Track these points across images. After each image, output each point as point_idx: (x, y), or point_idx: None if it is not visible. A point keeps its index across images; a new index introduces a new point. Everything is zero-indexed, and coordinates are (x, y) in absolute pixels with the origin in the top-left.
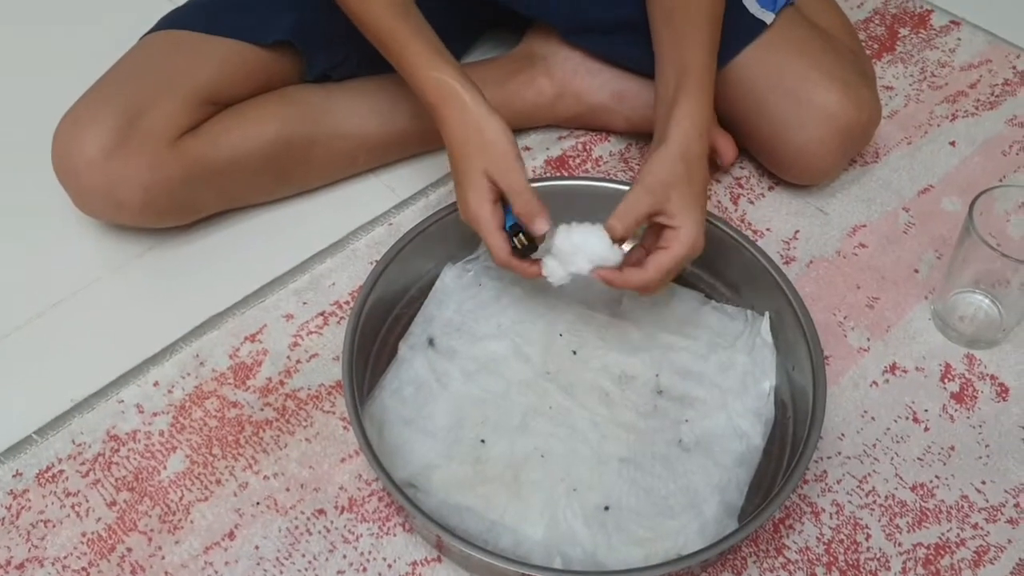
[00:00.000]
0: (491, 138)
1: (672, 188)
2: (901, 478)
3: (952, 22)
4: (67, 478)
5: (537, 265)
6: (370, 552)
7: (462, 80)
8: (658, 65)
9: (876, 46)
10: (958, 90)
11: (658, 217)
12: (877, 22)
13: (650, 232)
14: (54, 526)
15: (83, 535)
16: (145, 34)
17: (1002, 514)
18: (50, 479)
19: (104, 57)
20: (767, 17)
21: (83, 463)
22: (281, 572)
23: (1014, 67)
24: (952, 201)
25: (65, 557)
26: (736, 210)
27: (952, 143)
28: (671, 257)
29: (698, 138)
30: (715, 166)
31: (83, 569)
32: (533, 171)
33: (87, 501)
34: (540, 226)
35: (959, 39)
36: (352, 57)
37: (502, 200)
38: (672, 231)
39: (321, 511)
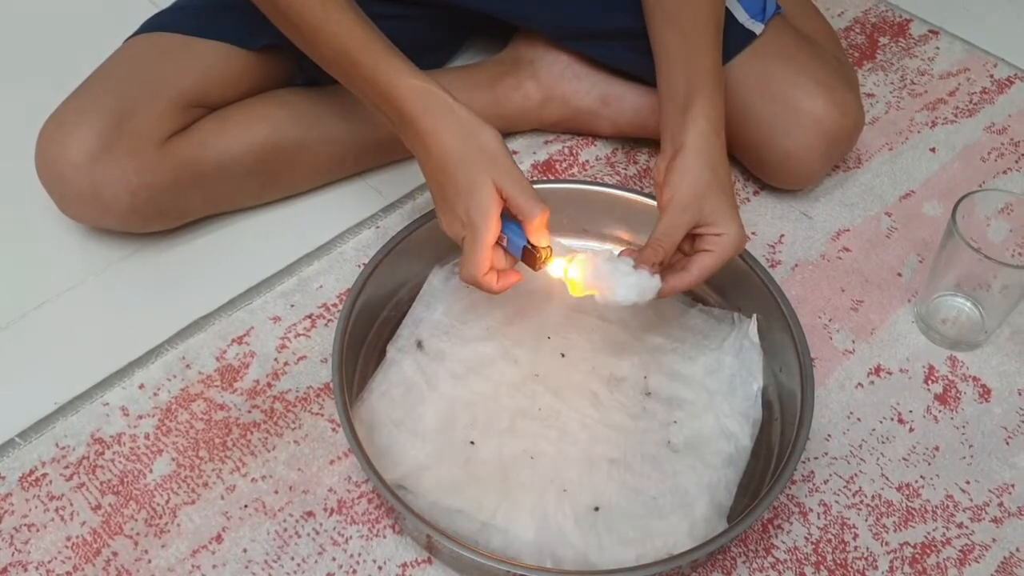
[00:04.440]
0: (493, 147)
1: (705, 197)
2: (887, 478)
3: (930, 31)
4: (51, 481)
5: (512, 276)
6: (360, 554)
7: (445, 89)
8: (663, 70)
9: (857, 54)
10: (937, 98)
11: (698, 229)
12: (858, 31)
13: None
14: (38, 530)
15: (67, 539)
16: (130, 36)
17: (986, 513)
18: (33, 483)
19: (87, 59)
20: (757, 28)
21: (67, 466)
22: (270, 575)
23: (991, 75)
24: (933, 206)
25: (49, 561)
26: None
27: (932, 149)
28: (717, 260)
29: (716, 135)
30: None
31: (68, 573)
32: None
33: (71, 505)
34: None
35: (938, 48)
36: None
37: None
38: (715, 237)
39: (310, 513)
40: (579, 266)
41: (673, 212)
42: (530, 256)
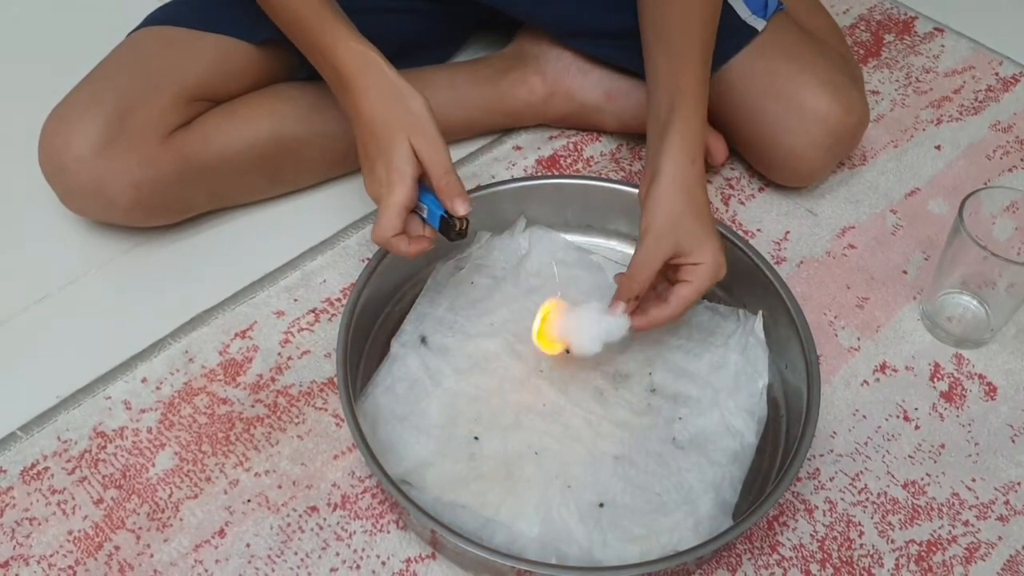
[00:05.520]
0: (415, 109)
1: (680, 227)
2: (893, 476)
3: (936, 29)
4: (52, 475)
5: (423, 242)
6: (363, 549)
7: (382, 55)
8: (649, 88)
9: (862, 51)
10: (943, 95)
11: (676, 259)
12: (863, 28)
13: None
14: (39, 524)
15: (69, 533)
16: (133, 30)
17: (992, 511)
18: (35, 476)
19: (90, 53)
20: (759, 24)
21: (69, 460)
22: (273, 570)
23: (997, 74)
24: (938, 203)
25: (51, 555)
26: (727, 211)
27: (937, 147)
28: (695, 290)
29: (691, 163)
30: (706, 166)
31: (70, 567)
32: (524, 170)
33: (73, 499)
34: (460, 207)
35: (943, 46)
36: None
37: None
38: (692, 267)
39: (314, 508)
40: (545, 323)
41: (648, 243)
42: (447, 226)
